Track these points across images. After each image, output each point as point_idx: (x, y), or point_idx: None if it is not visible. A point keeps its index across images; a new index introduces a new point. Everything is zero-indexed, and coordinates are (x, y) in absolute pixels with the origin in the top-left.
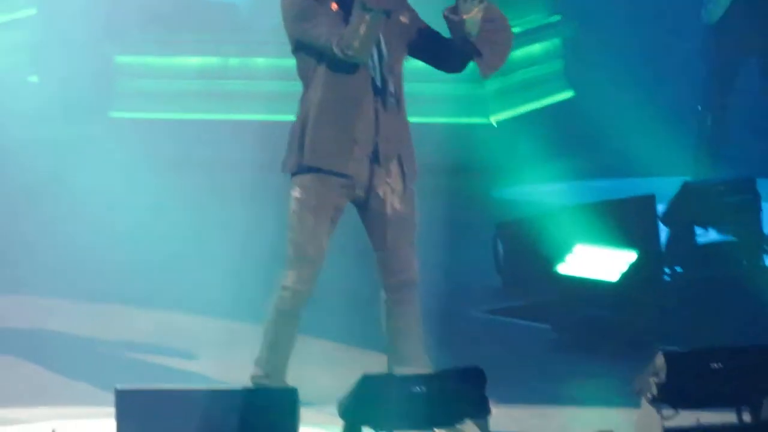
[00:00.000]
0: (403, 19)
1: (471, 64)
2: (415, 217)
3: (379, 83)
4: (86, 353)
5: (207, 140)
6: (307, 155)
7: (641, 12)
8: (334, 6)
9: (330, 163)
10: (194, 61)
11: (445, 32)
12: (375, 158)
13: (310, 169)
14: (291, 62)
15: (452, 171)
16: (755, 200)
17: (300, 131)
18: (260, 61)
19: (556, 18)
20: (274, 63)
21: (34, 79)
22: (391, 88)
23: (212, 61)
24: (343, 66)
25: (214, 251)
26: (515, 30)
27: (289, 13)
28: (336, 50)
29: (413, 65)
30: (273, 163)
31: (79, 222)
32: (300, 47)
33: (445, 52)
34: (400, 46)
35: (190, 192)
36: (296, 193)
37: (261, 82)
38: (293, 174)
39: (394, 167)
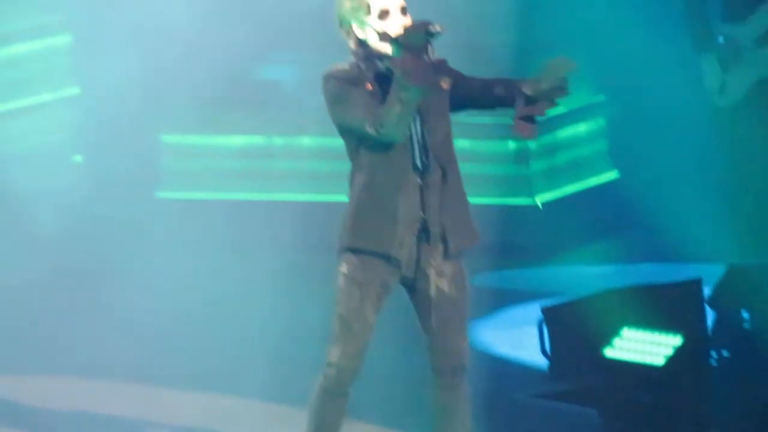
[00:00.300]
0: (444, 85)
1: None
2: (466, 300)
3: (419, 160)
4: None
5: (252, 220)
6: (352, 238)
7: (686, 94)
8: (369, 86)
9: (373, 245)
10: (240, 140)
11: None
12: (424, 237)
13: (356, 250)
14: (336, 141)
15: (498, 251)
16: None
17: (348, 212)
18: (305, 140)
19: (600, 98)
20: (319, 142)
21: (78, 158)
22: (434, 162)
23: (258, 140)
24: (382, 145)
25: (259, 332)
26: (560, 110)
27: (329, 98)
28: (370, 130)
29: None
30: (318, 244)
31: (125, 303)
32: (342, 130)
33: (486, 93)
34: (442, 115)
35: (235, 273)
36: (343, 268)
37: (306, 161)
38: (343, 252)
39: (442, 247)
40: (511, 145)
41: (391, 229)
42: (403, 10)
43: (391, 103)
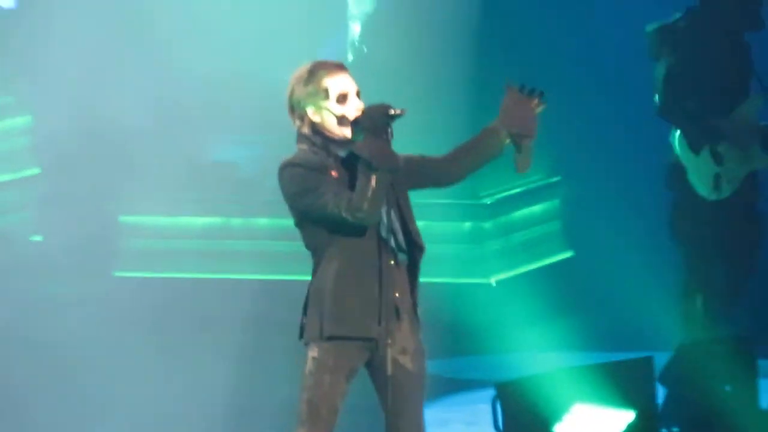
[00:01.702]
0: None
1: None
2: (424, 377)
3: (390, 240)
4: None
5: (209, 298)
6: (331, 326)
7: (642, 172)
8: (334, 173)
9: (356, 329)
10: (198, 221)
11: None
12: (395, 316)
13: (332, 337)
14: (291, 223)
15: (452, 329)
16: (751, 358)
17: (318, 301)
18: (262, 221)
19: (555, 178)
20: (276, 223)
21: (38, 237)
22: (402, 243)
23: (215, 221)
24: (353, 230)
25: (216, 407)
26: (517, 191)
27: (291, 189)
28: (345, 215)
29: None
30: (273, 320)
31: (80, 377)
32: (306, 219)
33: (443, 166)
34: (404, 191)
35: (194, 348)
36: (314, 353)
37: (263, 242)
38: (314, 340)
39: (406, 325)
40: (467, 225)
41: (374, 312)
42: (358, 94)
43: (362, 188)
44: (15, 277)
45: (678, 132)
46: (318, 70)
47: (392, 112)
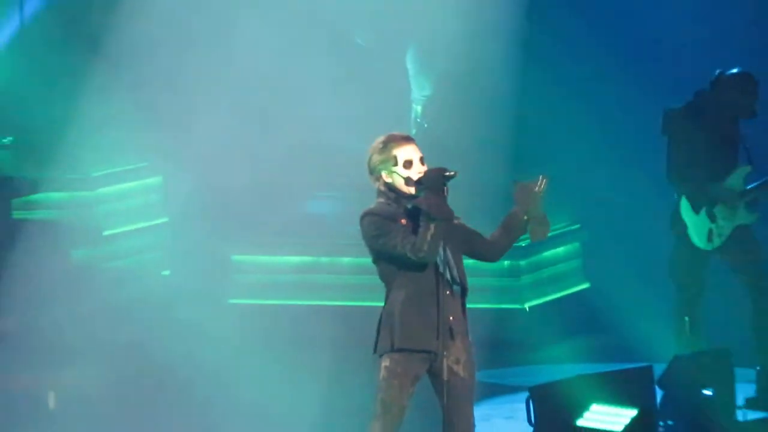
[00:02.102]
0: (456, 221)
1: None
2: (474, 383)
3: (447, 276)
4: None
5: (302, 321)
6: (400, 340)
7: (645, 221)
8: (403, 221)
9: (419, 343)
10: (293, 259)
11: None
12: (450, 335)
13: (401, 349)
14: (368, 261)
15: (494, 345)
16: (729, 367)
17: (389, 322)
18: (345, 259)
19: (576, 226)
20: (356, 261)
21: (166, 272)
22: (457, 277)
23: (307, 259)
24: (416, 266)
25: (310, 409)
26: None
27: (369, 233)
28: (410, 255)
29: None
30: (355, 340)
31: (205, 390)
32: (380, 257)
33: (488, 246)
34: (457, 244)
35: (289, 361)
36: (386, 363)
37: (345, 276)
38: (385, 352)
39: (459, 342)
40: (506, 263)
41: (433, 330)
42: (422, 160)
43: (423, 233)
44: (148, 306)
45: (682, 196)
46: (390, 141)
47: (447, 174)
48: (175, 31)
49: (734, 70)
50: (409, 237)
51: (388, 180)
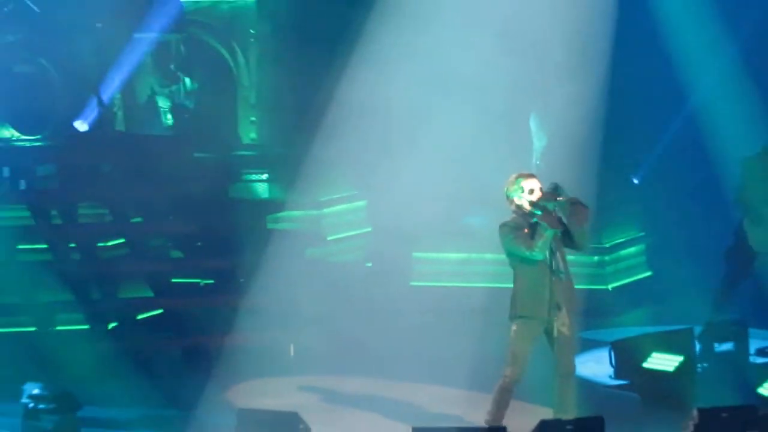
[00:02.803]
0: (562, 229)
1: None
2: (575, 339)
3: (553, 267)
4: None
5: (460, 299)
6: (523, 310)
7: (697, 228)
8: (526, 230)
9: (534, 313)
10: (453, 255)
11: None
12: (557, 307)
13: (522, 317)
14: (502, 257)
15: (588, 314)
16: (745, 329)
17: (516, 298)
18: (488, 255)
19: (641, 233)
20: (495, 257)
21: (369, 264)
22: (561, 267)
23: (462, 255)
24: (533, 261)
25: (460, 359)
26: (621, 240)
27: (504, 236)
28: (527, 252)
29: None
30: (494, 311)
31: (395, 350)
32: (510, 253)
33: (572, 239)
34: (560, 242)
35: (448, 325)
36: (514, 326)
37: (488, 266)
38: (514, 318)
39: (564, 312)
40: (596, 258)
41: (544, 305)
42: (540, 189)
43: (538, 239)
44: (352, 290)
45: (746, 217)
46: (519, 176)
47: (558, 198)
48: (388, 102)
49: None
50: (529, 241)
51: (518, 203)
